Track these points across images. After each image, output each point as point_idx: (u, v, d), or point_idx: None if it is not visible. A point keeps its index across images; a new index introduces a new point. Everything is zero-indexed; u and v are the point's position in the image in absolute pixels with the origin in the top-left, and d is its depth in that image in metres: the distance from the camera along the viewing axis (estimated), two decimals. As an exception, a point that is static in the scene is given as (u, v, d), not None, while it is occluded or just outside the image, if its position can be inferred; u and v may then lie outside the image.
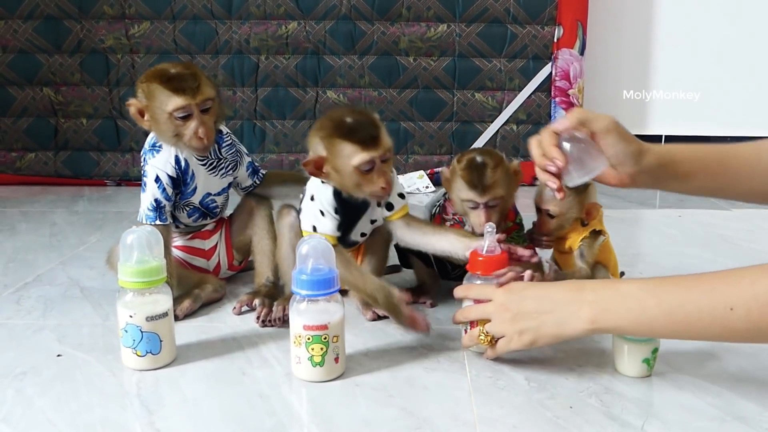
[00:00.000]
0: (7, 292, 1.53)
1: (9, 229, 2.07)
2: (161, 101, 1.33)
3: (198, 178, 1.44)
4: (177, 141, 1.36)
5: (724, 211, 2.31)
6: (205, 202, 1.48)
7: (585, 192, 1.34)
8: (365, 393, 1.08)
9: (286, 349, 1.23)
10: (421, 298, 1.49)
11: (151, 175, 1.40)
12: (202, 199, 1.47)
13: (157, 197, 1.40)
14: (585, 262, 1.33)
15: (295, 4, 2.62)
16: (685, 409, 1.03)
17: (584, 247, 1.34)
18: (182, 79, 1.33)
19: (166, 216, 1.41)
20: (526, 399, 1.06)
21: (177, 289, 1.37)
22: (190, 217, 1.49)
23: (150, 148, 1.42)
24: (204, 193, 1.47)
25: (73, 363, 1.19)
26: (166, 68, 1.35)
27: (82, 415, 1.02)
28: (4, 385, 1.11)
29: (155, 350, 1.16)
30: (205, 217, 1.51)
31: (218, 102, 1.40)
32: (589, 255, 1.33)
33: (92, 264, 1.71)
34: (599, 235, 1.35)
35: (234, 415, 1.02)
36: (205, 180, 1.45)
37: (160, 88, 1.32)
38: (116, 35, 2.64)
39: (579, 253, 1.34)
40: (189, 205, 1.47)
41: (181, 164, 1.41)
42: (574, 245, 1.35)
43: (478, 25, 2.65)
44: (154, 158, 1.40)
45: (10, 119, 2.70)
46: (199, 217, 1.50)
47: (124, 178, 2.72)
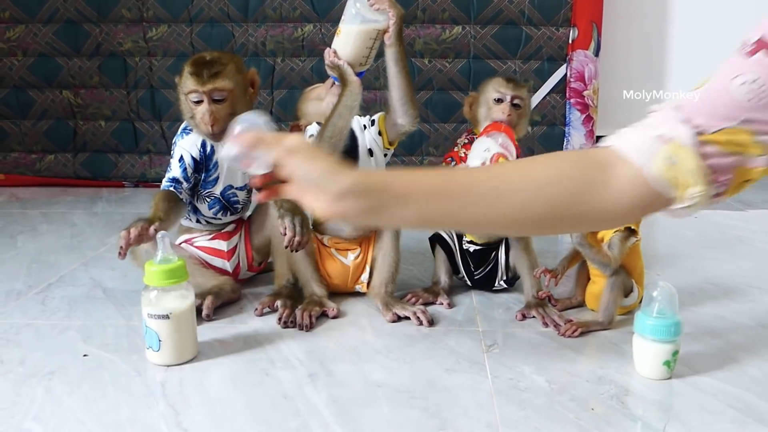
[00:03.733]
0: (32, 292, 1.56)
1: (31, 230, 2.10)
2: (183, 82, 1.43)
3: (221, 168, 1.50)
4: (193, 122, 1.44)
5: (739, 212, 2.31)
6: (226, 195, 1.52)
7: None
8: (387, 394, 1.10)
9: (308, 350, 1.25)
10: (438, 299, 1.50)
11: (176, 155, 1.48)
12: (223, 191, 1.51)
13: (176, 176, 1.47)
14: (613, 255, 1.33)
15: (311, 7, 2.63)
16: (706, 412, 1.04)
17: (615, 240, 1.34)
18: (204, 65, 1.40)
19: (182, 193, 1.47)
20: (548, 401, 1.08)
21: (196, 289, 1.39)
22: (211, 209, 1.52)
23: (181, 131, 1.50)
24: (226, 184, 1.51)
25: (99, 363, 1.21)
26: (203, 54, 1.44)
27: (110, 414, 1.04)
28: (33, 384, 1.13)
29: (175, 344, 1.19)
30: (226, 212, 1.54)
31: (239, 96, 1.43)
32: (617, 250, 1.33)
33: (113, 265, 1.73)
34: (633, 235, 1.35)
35: (259, 415, 1.04)
36: (228, 170, 1.50)
37: (186, 70, 1.42)
38: (134, 38, 2.66)
39: (608, 245, 1.34)
40: (210, 195, 1.50)
41: (206, 149, 1.48)
42: (606, 237, 1.35)
43: (492, 27, 2.65)
44: (183, 140, 1.48)
45: (30, 121, 2.73)
46: (220, 210, 1.53)
47: (141, 179, 2.74)
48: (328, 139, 1.38)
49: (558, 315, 1.39)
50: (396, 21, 1.37)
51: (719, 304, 1.49)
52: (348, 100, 1.37)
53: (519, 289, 1.52)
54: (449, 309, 1.47)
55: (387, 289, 1.46)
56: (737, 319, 1.40)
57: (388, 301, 1.43)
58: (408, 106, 1.43)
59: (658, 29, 2.94)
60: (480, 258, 1.53)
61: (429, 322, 1.37)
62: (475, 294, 1.55)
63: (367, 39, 1.38)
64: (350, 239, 1.50)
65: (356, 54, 1.39)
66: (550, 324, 1.37)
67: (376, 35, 1.39)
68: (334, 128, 1.38)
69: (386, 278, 1.46)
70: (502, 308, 1.48)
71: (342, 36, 1.39)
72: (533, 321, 1.40)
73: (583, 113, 2.70)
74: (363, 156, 1.48)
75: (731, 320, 1.40)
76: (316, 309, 1.40)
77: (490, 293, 1.56)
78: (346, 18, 1.38)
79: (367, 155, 1.48)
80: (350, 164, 0.87)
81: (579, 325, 1.33)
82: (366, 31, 1.37)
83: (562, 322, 1.36)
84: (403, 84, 1.42)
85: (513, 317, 1.42)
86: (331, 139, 1.38)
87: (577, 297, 1.48)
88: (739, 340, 1.31)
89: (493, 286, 1.55)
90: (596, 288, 1.40)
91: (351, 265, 1.50)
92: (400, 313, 1.40)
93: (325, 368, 1.19)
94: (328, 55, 1.40)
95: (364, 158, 1.48)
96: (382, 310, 1.43)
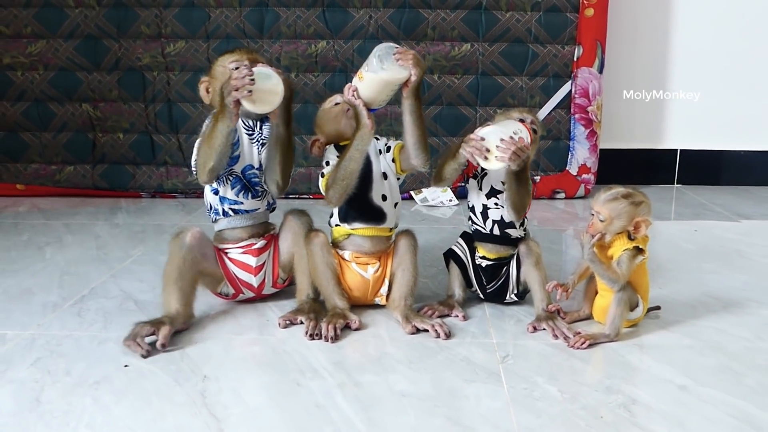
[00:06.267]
0: (67, 304, 1.64)
1: (57, 241, 2.18)
2: (221, 63, 1.56)
3: (242, 146, 1.59)
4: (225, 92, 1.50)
5: (736, 224, 2.40)
6: (247, 174, 1.60)
7: (638, 205, 1.43)
8: (412, 403, 1.18)
9: (335, 360, 1.34)
10: (453, 311, 1.58)
11: (203, 130, 1.55)
12: (244, 170, 1.59)
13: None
14: (621, 272, 1.42)
15: (325, 25, 2.72)
16: (707, 420, 1.13)
17: (624, 258, 1.42)
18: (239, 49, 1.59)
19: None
20: (561, 410, 1.16)
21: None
22: (233, 189, 1.59)
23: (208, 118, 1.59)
24: (246, 164, 1.59)
25: (140, 373, 1.29)
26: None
27: (157, 422, 1.12)
28: (81, 393, 1.21)
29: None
30: (247, 194, 1.60)
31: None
32: (626, 267, 1.42)
33: (141, 277, 1.82)
34: (640, 254, 1.43)
35: (295, 423, 1.12)
36: (248, 149, 1.59)
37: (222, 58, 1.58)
38: (153, 54, 2.75)
39: (617, 262, 1.43)
40: (232, 174, 1.58)
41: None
42: (616, 254, 1.44)
43: (500, 45, 2.74)
44: (209, 119, 1.56)
45: (51, 134, 2.81)
46: (242, 191, 1.59)
47: (158, 190, 2.83)
48: (340, 181, 1.48)
49: (567, 327, 1.47)
50: (416, 79, 1.44)
51: (719, 317, 1.58)
52: (359, 145, 1.46)
53: (529, 302, 1.60)
54: (464, 321, 1.55)
55: (407, 302, 1.54)
56: (736, 332, 1.49)
57: (408, 314, 1.51)
58: (420, 151, 1.51)
59: (661, 47, 3.03)
60: (492, 272, 1.61)
61: (446, 335, 1.45)
62: (488, 306, 1.64)
63: (387, 89, 1.46)
64: (370, 254, 1.58)
65: (374, 99, 1.47)
66: (560, 336, 1.45)
67: (396, 86, 1.46)
68: (345, 171, 1.47)
69: (405, 292, 1.55)
70: (513, 320, 1.56)
71: (364, 81, 1.45)
72: (544, 333, 1.48)
73: (587, 128, 2.79)
74: (377, 179, 1.55)
75: (730, 333, 1.48)
76: (341, 321, 1.48)
77: (502, 306, 1.64)
78: (369, 67, 1.44)
79: (381, 178, 1.56)
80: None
81: (587, 338, 1.42)
82: (387, 82, 1.44)
83: (571, 335, 1.44)
84: (417, 132, 1.50)
85: (524, 329, 1.50)
86: (343, 181, 1.48)
87: (585, 310, 1.56)
88: (737, 351, 1.39)
89: (504, 299, 1.63)
90: (604, 302, 1.48)
91: (371, 278, 1.58)
92: (420, 326, 1.48)
93: (352, 378, 1.27)
94: (347, 91, 1.47)
95: (378, 181, 1.56)
96: (402, 322, 1.51)
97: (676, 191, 3.03)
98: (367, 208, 1.55)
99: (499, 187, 1.56)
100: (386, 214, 1.56)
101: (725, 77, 3.04)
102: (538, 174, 2.83)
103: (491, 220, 1.57)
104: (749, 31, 3.00)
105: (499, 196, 1.57)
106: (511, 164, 1.43)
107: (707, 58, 3.03)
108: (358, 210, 1.55)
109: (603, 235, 1.44)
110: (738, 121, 3.07)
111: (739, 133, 3.09)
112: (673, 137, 3.12)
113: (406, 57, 1.42)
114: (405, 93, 1.47)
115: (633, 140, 3.10)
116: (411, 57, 1.43)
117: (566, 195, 2.86)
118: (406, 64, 1.43)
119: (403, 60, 1.42)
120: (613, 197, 1.43)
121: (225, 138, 1.45)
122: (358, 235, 1.57)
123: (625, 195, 1.43)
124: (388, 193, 1.56)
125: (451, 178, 1.58)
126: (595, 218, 1.44)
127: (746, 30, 3.00)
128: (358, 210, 1.55)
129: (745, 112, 3.06)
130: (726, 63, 3.02)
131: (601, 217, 1.43)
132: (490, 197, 1.57)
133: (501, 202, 1.56)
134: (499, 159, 1.44)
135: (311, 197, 2.75)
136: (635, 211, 1.42)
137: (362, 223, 1.55)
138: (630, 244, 1.43)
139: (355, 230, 1.56)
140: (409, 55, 1.43)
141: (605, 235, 1.44)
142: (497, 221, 1.57)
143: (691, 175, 3.13)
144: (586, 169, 2.83)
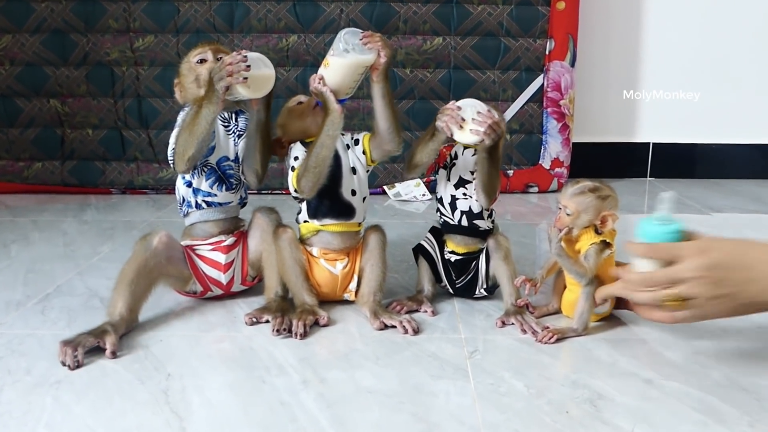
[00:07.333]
0: (31, 302, 1.62)
1: (23, 239, 2.15)
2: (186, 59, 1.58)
3: (218, 137, 1.58)
4: (197, 88, 1.53)
5: (707, 217, 2.42)
6: (222, 166, 1.58)
7: (605, 199, 1.43)
8: (378, 400, 1.17)
9: (301, 357, 1.33)
10: (422, 306, 1.58)
11: (178, 122, 1.55)
12: (219, 161, 1.58)
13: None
14: (588, 266, 1.42)
15: (295, 18, 2.70)
16: (672, 414, 1.13)
17: (591, 252, 1.42)
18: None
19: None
20: (526, 405, 1.16)
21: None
22: (207, 180, 1.57)
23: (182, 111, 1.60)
24: (221, 155, 1.58)
25: (102, 372, 1.27)
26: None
27: (117, 421, 1.11)
28: (41, 392, 1.19)
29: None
30: (221, 186, 1.58)
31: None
32: (593, 261, 1.42)
33: (108, 274, 1.78)
34: (607, 247, 1.43)
35: (259, 421, 1.11)
36: (223, 140, 1.59)
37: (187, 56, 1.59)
38: (121, 48, 2.72)
39: (585, 256, 1.43)
40: (207, 165, 1.57)
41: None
42: (583, 249, 1.44)
43: (472, 38, 2.74)
44: (184, 111, 1.57)
45: (18, 130, 2.77)
46: (216, 182, 1.58)
47: (129, 186, 2.80)
48: (312, 168, 1.46)
49: (535, 322, 1.47)
50: (386, 60, 1.44)
51: (686, 310, 1.58)
52: (330, 130, 1.45)
53: (498, 297, 1.60)
54: (433, 317, 1.55)
55: (375, 297, 1.53)
56: (703, 326, 1.49)
57: (377, 310, 1.50)
58: (394, 135, 1.51)
59: (632, 41, 3.04)
60: (461, 267, 1.60)
61: (414, 331, 1.44)
62: (457, 301, 1.63)
63: (354, 73, 1.45)
64: (339, 250, 1.57)
65: (341, 84, 1.45)
66: (528, 331, 1.45)
67: (364, 70, 1.45)
68: (317, 158, 1.46)
69: (374, 287, 1.54)
70: (482, 315, 1.56)
71: (330, 67, 1.44)
72: (512, 328, 1.48)
73: (560, 122, 2.80)
74: (346, 175, 1.54)
75: (698, 327, 1.48)
76: (310, 318, 1.47)
77: (472, 300, 1.64)
78: (335, 51, 1.43)
79: (351, 173, 1.55)
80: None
81: (555, 332, 1.42)
82: (354, 66, 1.43)
83: (539, 329, 1.44)
84: (389, 116, 1.49)
85: (493, 324, 1.50)
86: (315, 169, 1.46)
87: (554, 305, 1.56)
88: (704, 346, 1.40)
89: (474, 293, 1.63)
90: (572, 296, 1.48)
91: (339, 274, 1.57)
92: (388, 323, 1.47)
93: (318, 375, 1.26)
94: (313, 80, 1.46)
95: (348, 177, 1.54)
96: (370, 318, 1.50)
97: (648, 185, 3.05)
98: (337, 204, 1.54)
99: (467, 177, 1.56)
100: (356, 209, 1.55)
101: (697, 71, 3.06)
102: (511, 168, 2.84)
103: (459, 210, 1.57)
104: (721, 25, 3.02)
105: (467, 186, 1.56)
106: (486, 138, 1.41)
107: (680, 52, 3.05)
108: (329, 206, 1.54)
109: (570, 230, 1.44)
110: (710, 114, 3.09)
111: (712, 127, 3.11)
112: (645, 131, 3.13)
113: (373, 39, 1.42)
114: (375, 77, 1.46)
115: (606, 134, 3.11)
116: (378, 39, 1.42)
117: (539, 189, 2.87)
118: (375, 47, 1.42)
119: (371, 43, 1.42)
120: (580, 191, 1.43)
121: (209, 125, 1.44)
122: (328, 232, 1.55)
123: (592, 189, 1.42)
124: (357, 187, 1.55)
125: (425, 163, 1.57)
126: (563, 212, 1.44)
127: (718, 23, 3.02)
128: (329, 206, 1.54)
129: (717, 106, 3.08)
130: (698, 57, 3.05)
131: (568, 211, 1.43)
132: (458, 187, 1.57)
133: (470, 193, 1.56)
134: (473, 132, 1.42)
135: (284, 192, 2.74)
136: (602, 205, 1.42)
137: (332, 219, 1.54)
138: (597, 238, 1.43)
139: (324, 226, 1.55)
140: (376, 38, 1.42)
141: (572, 229, 1.44)
142: (465, 212, 1.56)
143: (664, 169, 3.16)
144: (559, 162, 2.84)
